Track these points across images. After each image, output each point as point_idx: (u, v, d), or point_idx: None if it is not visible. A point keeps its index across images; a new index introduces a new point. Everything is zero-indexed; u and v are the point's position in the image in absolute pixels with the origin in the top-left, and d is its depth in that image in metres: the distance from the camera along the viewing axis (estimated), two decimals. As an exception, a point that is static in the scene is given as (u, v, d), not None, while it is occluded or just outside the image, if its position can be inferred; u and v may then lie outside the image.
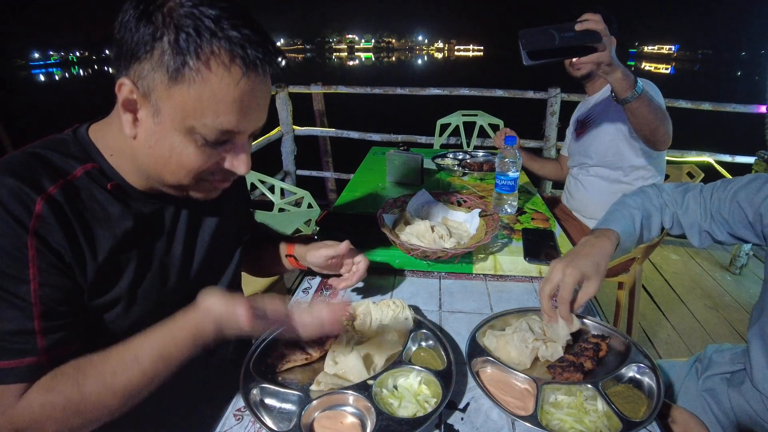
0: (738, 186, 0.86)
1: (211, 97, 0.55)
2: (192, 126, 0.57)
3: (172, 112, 0.57)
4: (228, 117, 0.57)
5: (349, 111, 5.93)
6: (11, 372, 0.55)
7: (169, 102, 0.56)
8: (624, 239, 0.88)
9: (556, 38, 1.12)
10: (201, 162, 0.61)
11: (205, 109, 0.56)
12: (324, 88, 3.80)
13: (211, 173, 0.65)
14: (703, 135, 3.09)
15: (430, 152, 2.12)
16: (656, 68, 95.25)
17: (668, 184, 0.99)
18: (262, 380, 0.71)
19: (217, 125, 0.57)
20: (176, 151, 0.60)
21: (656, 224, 0.95)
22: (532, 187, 1.68)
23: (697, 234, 0.92)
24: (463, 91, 3.55)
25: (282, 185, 2.44)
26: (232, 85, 0.55)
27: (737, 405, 0.83)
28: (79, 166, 0.63)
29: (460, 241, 1.15)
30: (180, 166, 0.61)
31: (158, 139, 0.59)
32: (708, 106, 3.20)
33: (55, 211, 0.57)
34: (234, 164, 0.64)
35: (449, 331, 0.90)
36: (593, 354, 0.78)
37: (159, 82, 0.55)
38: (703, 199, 0.91)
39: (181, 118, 0.57)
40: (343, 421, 0.67)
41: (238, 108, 0.57)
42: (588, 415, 0.68)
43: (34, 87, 49.24)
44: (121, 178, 0.66)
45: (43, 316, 0.56)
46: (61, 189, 0.59)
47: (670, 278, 2.78)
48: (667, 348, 2.17)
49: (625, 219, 0.92)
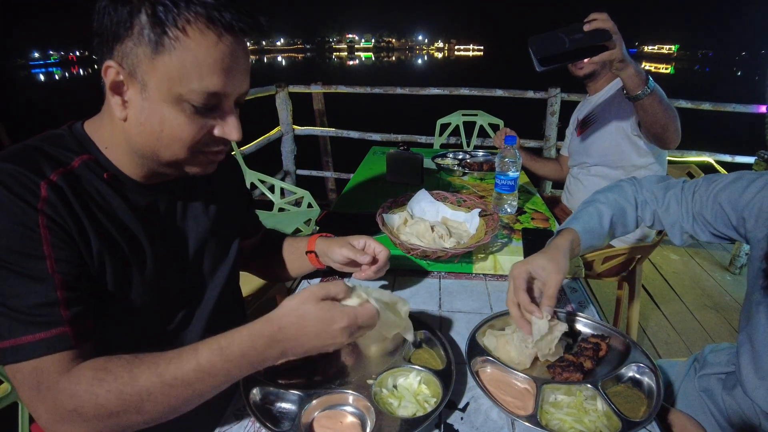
0: (720, 186, 0.83)
1: (193, 61, 0.58)
2: (179, 94, 0.59)
3: (158, 83, 0.59)
4: (212, 79, 0.59)
5: (349, 111, 5.93)
6: (42, 344, 0.55)
7: (154, 74, 0.58)
8: (586, 237, 0.88)
9: (566, 42, 1.13)
10: (193, 131, 0.62)
11: (190, 74, 0.58)
12: (324, 88, 3.80)
13: (205, 144, 0.66)
14: (703, 135, 3.09)
15: (430, 152, 2.12)
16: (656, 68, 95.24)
17: (648, 179, 0.97)
18: (261, 380, 0.71)
19: (203, 88, 0.59)
20: (167, 123, 0.61)
21: (632, 220, 0.94)
22: (532, 187, 1.68)
23: (679, 234, 0.91)
24: (463, 91, 3.55)
25: (282, 185, 2.45)
26: (211, 47, 0.58)
27: (730, 407, 0.82)
28: (77, 157, 0.65)
29: (460, 240, 1.15)
30: (173, 138, 0.62)
31: (148, 114, 0.61)
32: (708, 106, 3.20)
33: (58, 195, 0.59)
34: (225, 131, 0.65)
35: (449, 330, 0.90)
36: (593, 354, 0.78)
37: (143, 56, 0.58)
38: (685, 198, 0.89)
39: (167, 87, 0.59)
40: (342, 420, 0.67)
41: (220, 69, 0.60)
42: (588, 414, 0.68)
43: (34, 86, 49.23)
44: (116, 168, 0.68)
45: (64, 287, 0.58)
46: (62, 176, 0.61)
47: (670, 278, 2.78)
48: (666, 348, 2.17)
49: (590, 216, 0.91)
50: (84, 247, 0.61)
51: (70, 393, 0.55)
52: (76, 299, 0.59)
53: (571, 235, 0.88)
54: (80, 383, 0.56)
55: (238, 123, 0.66)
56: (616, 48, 1.14)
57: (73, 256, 0.60)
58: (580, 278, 1.10)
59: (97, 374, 0.56)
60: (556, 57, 1.15)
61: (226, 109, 0.65)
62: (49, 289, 0.57)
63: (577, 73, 1.71)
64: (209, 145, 0.67)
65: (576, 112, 1.89)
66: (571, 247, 0.86)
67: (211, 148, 0.67)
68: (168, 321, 0.75)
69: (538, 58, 1.15)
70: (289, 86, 3.71)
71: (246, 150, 3.21)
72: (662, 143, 1.39)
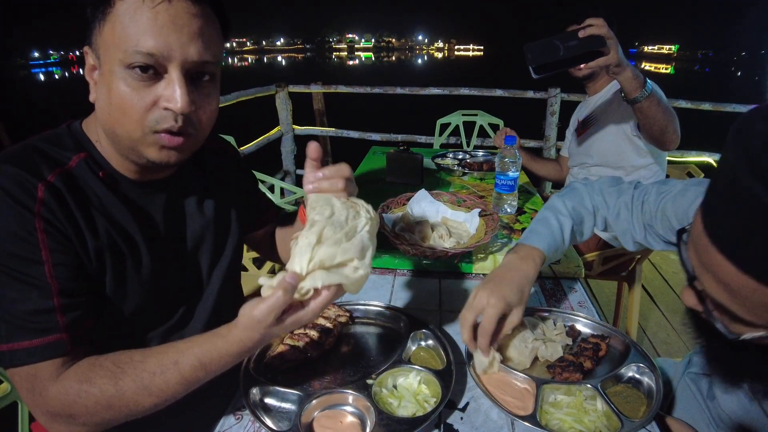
0: (667, 198, 0.81)
1: (129, 21, 0.58)
2: (119, 60, 0.59)
3: (104, 53, 0.60)
4: (145, 37, 0.58)
5: (348, 110, 5.93)
6: (37, 350, 0.57)
7: (102, 46, 0.60)
8: (550, 256, 0.85)
9: (561, 49, 1.14)
10: (135, 100, 0.60)
11: (127, 36, 0.58)
12: (324, 88, 3.80)
13: (155, 120, 0.61)
14: (703, 135, 3.09)
15: (430, 152, 2.12)
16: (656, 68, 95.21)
17: (601, 182, 0.95)
18: (261, 380, 0.71)
19: (137, 47, 0.58)
20: (114, 94, 0.60)
21: (588, 228, 0.92)
22: (531, 187, 1.68)
23: (631, 242, 0.89)
24: (463, 91, 3.55)
25: (282, 185, 2.44)
26: (145, 7, 0.57)
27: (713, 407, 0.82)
28: (74, 156, 0.65)
29: (460, 240, 1.15)
30: (120, 110, 0.61)
31: (101, 90, 0.62)
32: (708, 106, 3.20)
33: (55, 197, 0.60)
34: (166, 98, 0.61)
35: (449, 330, 0.90)
36: (593, 354, 0.78)
37: (96, 31, 0.60)
38: (635, 207, 0.87)
39: (111, 56, 0.59)
40: (342, 420, 0.67)
41: (153, 27, 0.58)
42: (587, 414, 0.68)
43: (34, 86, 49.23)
44: (110, 166, 0.68)
45: (60, 294, 0.58)
46: (59, 176, 0.61)
47: (670, 278, 2.78)
48: (666, 348, 2.17)
49: (553, 233, 0.87)
50: (81, 248, 0.62)
51: (59, 401, 0.57)
52: (73, 305, 0.60)
53: (541, 259, 0.83)
54: (68, 394, 0.57)
55: (184, 93, 0.61)
56: (611, 53, 1.15)
57: (70, 259, 0.60)
58: (579, 278, 1.10)
59: (82, 386, 0.58)
60: (551, 64, 1.16)
61: (171, 78, 0.61)
62: (46, 296, 0.58)
63: (576, 74, 1.71)
64: (159, 122, 0.62)
65: (576, 113, 1.89)
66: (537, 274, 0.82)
67: (162, 125, 0.62)
68: (168, 317, 0.76)
69: (533, 66, 1.16)
70: (289, 86, 3.71)
71: (246, 150, 3.21)
72: (661, 145, 1.39)
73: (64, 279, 0.59)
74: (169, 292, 0.75)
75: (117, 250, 0.66)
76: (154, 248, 0.71)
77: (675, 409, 0.90)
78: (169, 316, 0.76)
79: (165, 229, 0.74)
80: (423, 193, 1.30)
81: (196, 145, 0.68)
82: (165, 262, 0.73)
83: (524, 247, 0.85)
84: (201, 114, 0.65)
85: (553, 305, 0.99)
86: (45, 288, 0.58)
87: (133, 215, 0.69)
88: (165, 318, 0.76)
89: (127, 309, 0.69)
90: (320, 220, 0.60)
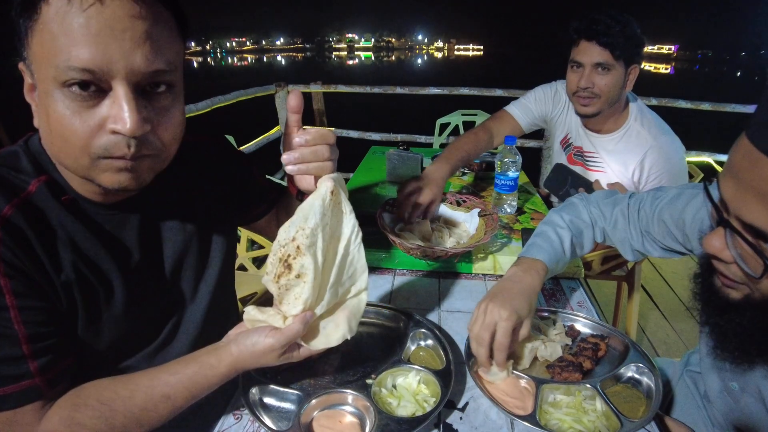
0: (662, 204, 0.82)
1: (58, 31, 0.48)
2: (53, 77, 0.50)
3: (37, 70, 0.51)
4: (78, 49, 0.48)
5: (348, 110, 5.93)
6: (11, 398, 0.54)
7: (35, 61, 0.51)
8: (552, 268, 0.85)
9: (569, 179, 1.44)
10: (77, 124, 0.51)
11: (57, 48, 0.48)
12: (323, 88, 3.80)
13: (103, 148, 0.53)
14: (702, 135, 3.10)
15: (430, 152, 2.12)
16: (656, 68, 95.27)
17: (597, 194, 0.96)
18: (260, 379, 0.71)
19: (70, 63, 0.48)
20: (52, 118, 0.51)
21: (588, 240, 0.92)
22: (531, 187, 1.68)
23: (630, 251, 0.90)
24: (462, 91, 3.55)
25: (282, 184, 2.45)
26: (74, 11, 0.48)
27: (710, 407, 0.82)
28: (33, 180, 0.58)
29: (460, 240, 1.15)
30: (61, 136, 0.52)
31: (40, 114, 0.54)
32: (708, 106, 3.20)
33: (13, 234, 0.54)
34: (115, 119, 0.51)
35: (448, 330, 0.90)
36: (592, 354, 0.78)
37: (26, 45, 0.51)
38: (631, 215, 0.88)
39: (44, 73, 0.50)
40: (342, 420, 0.67)
41: (86, 36, 0.48)
42: (587, 414, 0.68)
43: (34, 85, 49.06)
44: (73, 190, 0.61)
45: (29, 340, 0.55)
46: (17, 209, 0.55)
47: (669, 278, 2.79)
48: (665, 347, 2.17)
49: (553, 245, 0.87)
50: (47, 285, 0.57)
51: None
52: (44, 348, 0.56)
53: (544, 272, 0.83)
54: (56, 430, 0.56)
55: (133, 110, 0.51)
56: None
57: (37, 301, 0.56)
58: (579, 278, 1.10)
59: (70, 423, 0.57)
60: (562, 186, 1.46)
61: (118, 93, 0.51)
62: (14, 343, 0.54)
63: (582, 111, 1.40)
64: (108, 149, 0.53)
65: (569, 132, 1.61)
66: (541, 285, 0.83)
67: (112, 151, 0.53)
68: (151, 340, 0.72)
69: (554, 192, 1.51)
70: (289, 86, 3.71)
71: (245, 149, 3.22)
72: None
73: (32, 323, 0.55)
74: (149, 315, 0.70)
75: (87, 283, 0.61)
76: (128, 276, 0.65)
77: (674, 408, 0.90)
78: (153, 338, 0.72)
79: (140, 253, 0.67)
80: (423, 193, 1.30)
81: (161, 165, 0.60)
82: (143, 289, 0.68)
83: (526, 260, 0.85)
84: (161, 132, 0.56)
85: (552, 305, 0.99)
86: (12, 336, 0.53)
87: (102, 243, 0.62)
88: (148, 341, 0.72)
89: (104, 341, 0.65)
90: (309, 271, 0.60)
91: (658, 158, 1.33)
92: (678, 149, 1.35)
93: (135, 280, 0.66)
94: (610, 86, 1.30)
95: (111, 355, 0.68)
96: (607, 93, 1.31)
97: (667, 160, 1.33)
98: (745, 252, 0.52)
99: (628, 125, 1.40)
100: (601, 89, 1.30)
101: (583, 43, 1.30)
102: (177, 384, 0.60)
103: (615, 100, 1.34)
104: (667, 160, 1.33)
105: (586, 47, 1.29)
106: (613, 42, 1.24)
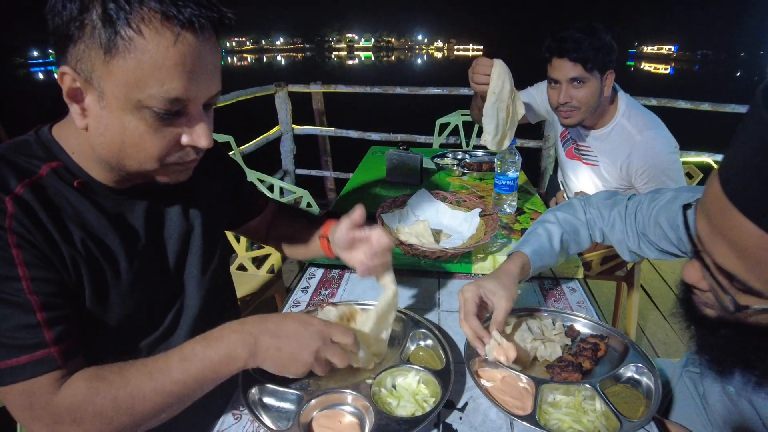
0: (659, 207, 0.82)
1: (151, 64, 0.52)
2: (138, 100, 0.54)
3: (115, 89, 0.54)
4: (173, 83, 0.54)
5: (348, 110, 5.93)
6: (26, 367, 0.55)
7: (110, 80, 0.54)
8: (536, 259, 0.88)
9: None
10: (157, 141, 0.58)
11: (148, 78, 0.53)
12: (323, 87, 3.80)
13: (178, 158, 0.62)
14: (702, 135, 3.10)
15: (430, 152, 2.12)
16: (656, 68, 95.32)
17: (597, 195, 0.97)
18: (260, 379, 0.71)
19: (163, 94, 0.54)
20: (129, 133, 0.57)
21: (585, 238, 0.95)
22: (531, 187, 1.68)
23: (626, 251, 0.91)
24: (462, 91, 3.54)
25: (281, 184, 2.44)
26: (170, 48, 0.53)
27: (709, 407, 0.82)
28: (44, 165, 0.61)
29: (460, 240, 1.15)
30: (136, 149, 0.58)
31: (107, 123, 0.57)
32: (707, 106, 3.20)
33: (25, 210, 0.56)
34: (193, 138, 0.60)
35: (448, 330, 0.90)
36: (592, 354, 0.79)
37: (96, 60, 0.53)
38: (628, 217, 0.89)
39: (125, 94, 0.54)
40: (341, 420, 0.67)
41: (181, 72, 0.54)
42: (586, 414, 0.68)
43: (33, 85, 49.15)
44: (87, 175, 0.64)
45: (43, 308, 0.56)
46: (28, 188, 0.58)
47: (669, 278, 2.79)
48: (665, 348, 2.17)
49: (539, 238, 0.92)
50: (58, 261, 0.59)
51: (67, 407, 0.56)
52: (58, 318, 0.58)
53: (522, 259, 0.88)
54: (76, 396, 0.56)
55: (208, 129, 0.61)
56: None
57: (48, 272, 0.58)
58: (579, 278, 1.10)
59: (92, 383, 0.57)
60: None
61: (193, 114, 0.59)
62: (28, 312, 0.55)
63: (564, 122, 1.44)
64: (179, 156, 0.62)
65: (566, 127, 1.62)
66: (521, 271, 0.86)
67: (182, 159, 0.62)
68: (155, 326, 0.73)
69: None
70: (289, 85, 3.70)
71: (245, 149, 3.21)
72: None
73: (45, 294, 0.57)
74: (153, 301, 0.72)
75: (94, 261, 0.63)
76: (134, 258, 0.68)
77: (673, 408, 0.90)
78: (157, 324, 0.73)
79: (146, 238, 0.70)
80: (423, 193, 1.30)
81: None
82: (146, 271, 0.70)
83: (511, 255, 0.91)
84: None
85: (552, 305, 0.99)
86: (26, 304, 0.55)
87: (111, 224, 0.65)
88: (150, 325, 0.73)
89: (111, 320, 0.66)
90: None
91: (643, 153, 1.35)
92: (664, 143, 1.35)
93: (140, 262, 0.69)
94: (588, 97, 1.36)
95: (119, 338, 0.68)
96: (586, 103, 1.37)
97: (653, 155, 1.34)
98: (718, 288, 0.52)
99: (616, 121, 1.44)
100: (580, 101, 1.36)
101: (555, 60, 1.35)
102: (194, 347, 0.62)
103: (596, 107, 1.39)
104: (653, 156, 1.34)
105: (559, 65, 1.34)
106: (584, 56, 1.29)
